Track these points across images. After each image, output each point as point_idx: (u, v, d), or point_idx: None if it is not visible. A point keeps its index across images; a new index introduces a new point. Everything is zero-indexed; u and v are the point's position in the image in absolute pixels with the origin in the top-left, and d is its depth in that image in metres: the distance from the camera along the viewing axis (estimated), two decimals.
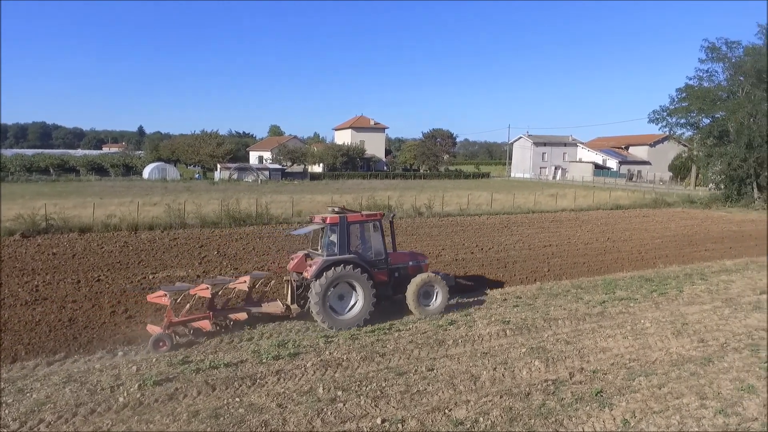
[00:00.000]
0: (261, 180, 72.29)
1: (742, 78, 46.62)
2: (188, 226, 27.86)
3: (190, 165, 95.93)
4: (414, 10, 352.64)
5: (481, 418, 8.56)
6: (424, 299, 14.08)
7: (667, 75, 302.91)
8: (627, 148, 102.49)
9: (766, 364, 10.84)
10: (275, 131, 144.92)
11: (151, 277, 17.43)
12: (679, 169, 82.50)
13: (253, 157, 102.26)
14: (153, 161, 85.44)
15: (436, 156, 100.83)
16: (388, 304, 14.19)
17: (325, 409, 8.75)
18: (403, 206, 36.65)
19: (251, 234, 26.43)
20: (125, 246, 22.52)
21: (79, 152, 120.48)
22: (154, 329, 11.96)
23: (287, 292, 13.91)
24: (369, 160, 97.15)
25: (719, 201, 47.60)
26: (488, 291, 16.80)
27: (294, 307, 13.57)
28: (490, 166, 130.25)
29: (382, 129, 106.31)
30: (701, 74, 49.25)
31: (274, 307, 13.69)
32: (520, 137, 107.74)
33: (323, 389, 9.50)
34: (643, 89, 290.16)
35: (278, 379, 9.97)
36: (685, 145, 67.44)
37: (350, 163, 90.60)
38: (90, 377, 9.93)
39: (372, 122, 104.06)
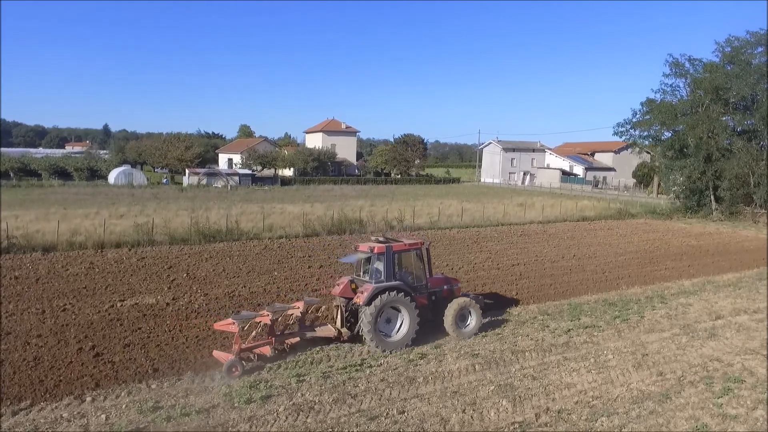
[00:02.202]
0: (231, 186, 71.49)
1: (701, 93, 48.32)
2: (156, 243, 27.47)
3: (157, 168, 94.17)
4: (384, 9, 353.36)
5: None
6: (461, 322, 15.05)
7: (633, 81, 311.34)
8: (593, 154, 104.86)
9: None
10: (245, 131, 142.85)
11: (119, 305, 17.16)
12: (643, 177, 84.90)
13: (223, 159, 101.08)
14: (119, 164, 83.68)
15: (408, 161, 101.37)
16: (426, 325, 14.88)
17: None
18: (375, 219, 36.90)
19: (221, 252, 26.22)
20: (91, 267, 22.09)
21: (41, 152, 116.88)
22: (221, 356, 12.64)
23: (336, 317, 14.64)
24: (340, 164, 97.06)
25: (680, 212, 49.30)
26: None
27: (344, 330, 14.28)
28: (460, 169, 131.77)
29: (354, 133, 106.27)
30: (665, 88, 50.84)
31: (327, 331, 14.33)
32: (490, 142, 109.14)
33: None
34: (611, 94, 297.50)
35: (250, 427, 10.02)
36: (648, 152, 69.30)
37: (321, 168, 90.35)
38: (57, 427, 9.79)
39: (343, 126, 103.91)
